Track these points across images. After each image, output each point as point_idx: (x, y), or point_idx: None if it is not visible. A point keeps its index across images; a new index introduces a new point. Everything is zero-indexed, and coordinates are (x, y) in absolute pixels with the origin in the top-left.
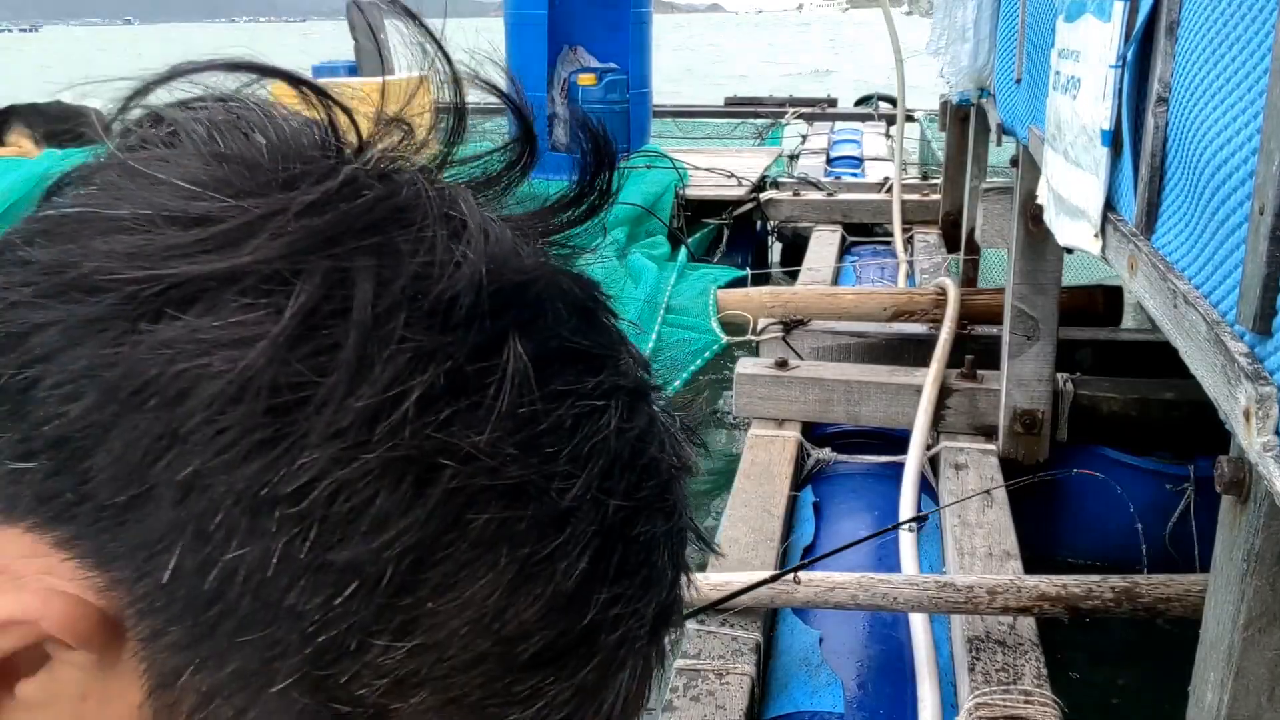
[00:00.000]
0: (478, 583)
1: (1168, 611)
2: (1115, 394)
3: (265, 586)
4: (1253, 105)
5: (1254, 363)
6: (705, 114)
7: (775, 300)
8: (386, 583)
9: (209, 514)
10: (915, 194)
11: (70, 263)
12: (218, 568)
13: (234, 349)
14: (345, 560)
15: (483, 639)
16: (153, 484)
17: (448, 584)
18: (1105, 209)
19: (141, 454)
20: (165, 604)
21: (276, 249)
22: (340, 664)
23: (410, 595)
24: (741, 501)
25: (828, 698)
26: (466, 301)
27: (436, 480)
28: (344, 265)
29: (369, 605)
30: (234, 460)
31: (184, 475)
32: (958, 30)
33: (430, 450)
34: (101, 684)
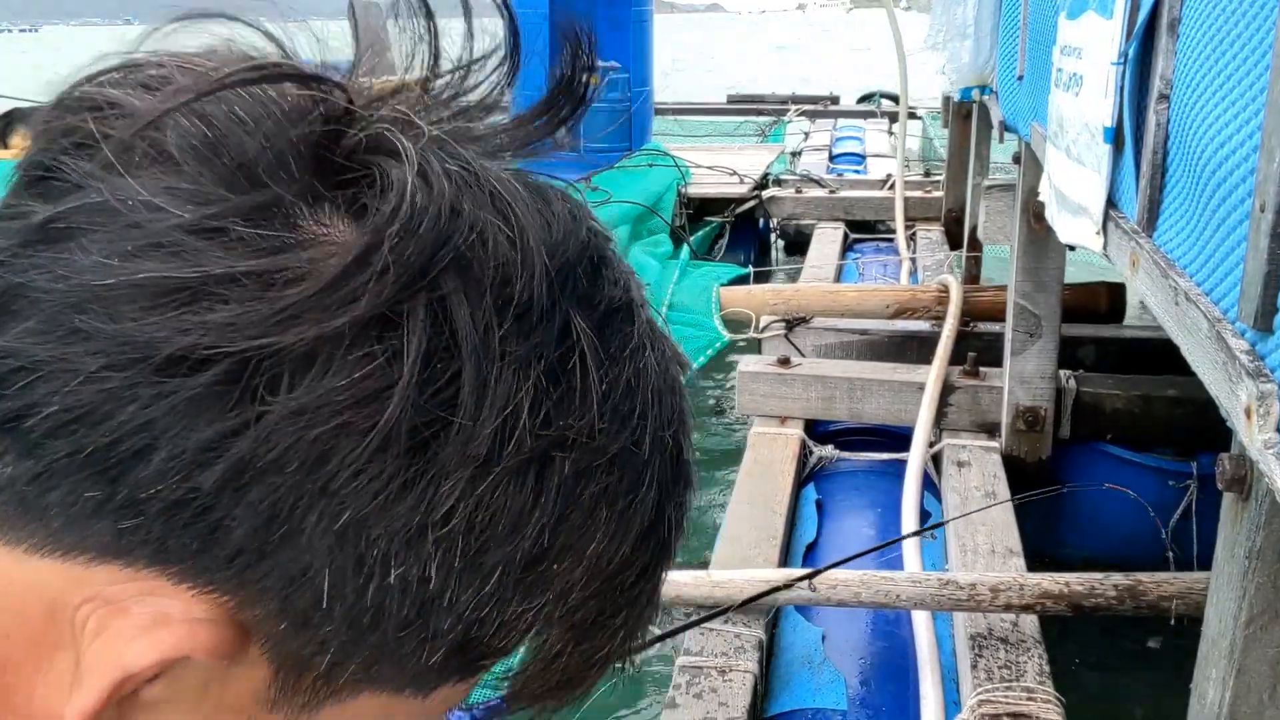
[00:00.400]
0: (591, 541)
1: (1170, 609)
2: (1118, 391)
3: (423, 594)
4: (1254, 102)
5: (1255, 360)
6: (708, 111)
7: (777, 298)
8: (522, 563)
9: (367, 550)
10: (918, 191)
11: (157, 339)
12: (377, 588)
13: (369, 405)
14: (492, 560)
15: (595, 579)
16: (302, 530)
17: (567, 547)
18: (1107, 206)
19: (288, 510)
20: (319, 620)
21: (380, 296)
22: (483, 629)
23: (540, 565)
24: (744, 499)
25: (830, 695)
26: (541, 299)
27: (552, 471)
28: (439, 294)
29: (509, 584)
30: (385, 504)
31: (339, 524)
32: (958, 26)
33: (545, 447)
34: (223, 675)
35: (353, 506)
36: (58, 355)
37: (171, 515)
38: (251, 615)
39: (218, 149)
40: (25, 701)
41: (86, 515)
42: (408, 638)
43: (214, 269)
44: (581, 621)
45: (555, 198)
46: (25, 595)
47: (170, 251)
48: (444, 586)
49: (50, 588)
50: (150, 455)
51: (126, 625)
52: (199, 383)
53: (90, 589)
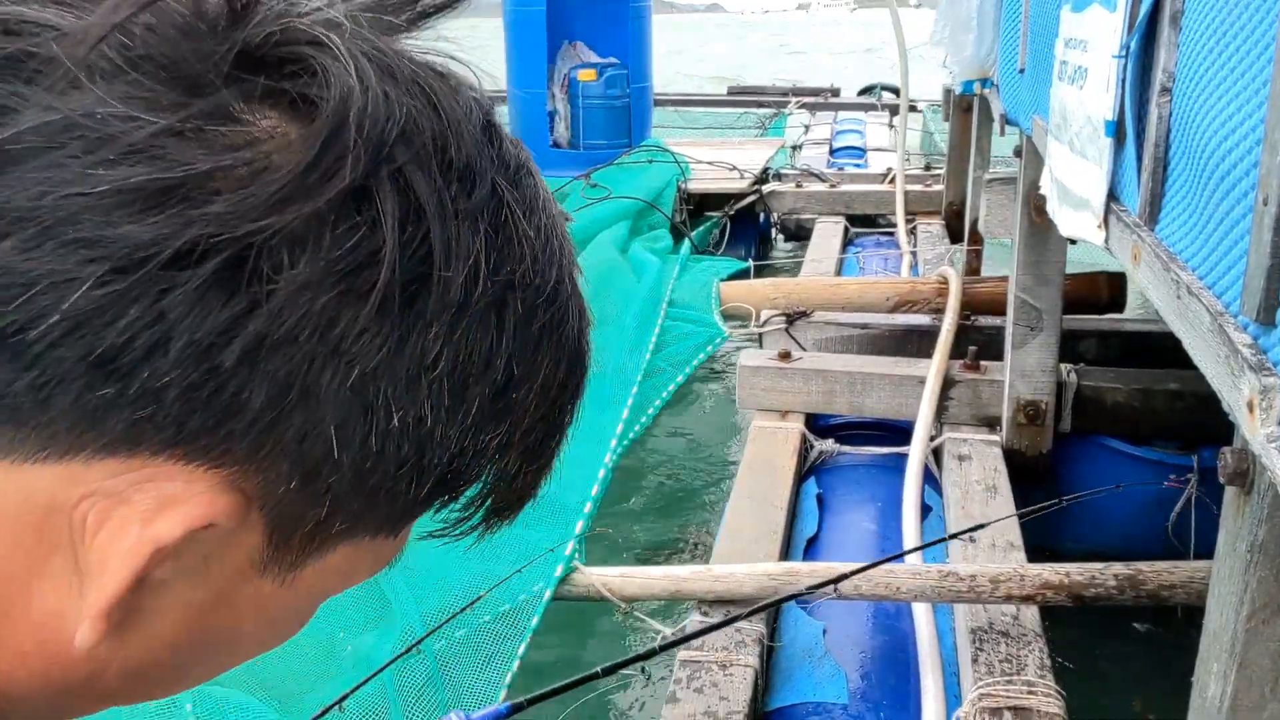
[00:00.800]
0: (541, 369)
1: (1171, 599)
2: (1119, 384)
3: (419, 432)
4: (1256, 95)
5: (1257, 354)
6: (708, 103)
7: (777, 292)
8: (493, 395)
9: (374, 399)
10: (918, 185)
11: (162, 237)
12: (381, 433)
13: (364, 270)
14: (472, 395)
15: (543, 403)
16: (317, 391)
17: (524, 376)
18: (1109, 199)
19: (303, 375)
20: (327, 472)
21: (356, 172)
22: (464, 459)
23: (506, 395)
24: (745, 493)
25: (831, 689)
26: (473, 162)
27: (508, 310)
28: (397, 165)
29: (485, 415)
30: (388, 356)
31: (350, 381)
32: (961, 20)
33: (500, 290)
34: (222, 546)
35: (360, 363)
36: (54, 268)
37: (190, 397)
38: (256, 481)
39: (157, 59)
40: (23, 611)
41: (97, 413)
42: (403, 475)
43: (200, 166)
44: (533, 443)
45: (450, 73)
46: (18, 505)
47: (153, 155)
48: (436, 423)
49: (43, 493)
50: (168, 346)
51: (131, 512)
52: (207, 271)
53: (87, 486)
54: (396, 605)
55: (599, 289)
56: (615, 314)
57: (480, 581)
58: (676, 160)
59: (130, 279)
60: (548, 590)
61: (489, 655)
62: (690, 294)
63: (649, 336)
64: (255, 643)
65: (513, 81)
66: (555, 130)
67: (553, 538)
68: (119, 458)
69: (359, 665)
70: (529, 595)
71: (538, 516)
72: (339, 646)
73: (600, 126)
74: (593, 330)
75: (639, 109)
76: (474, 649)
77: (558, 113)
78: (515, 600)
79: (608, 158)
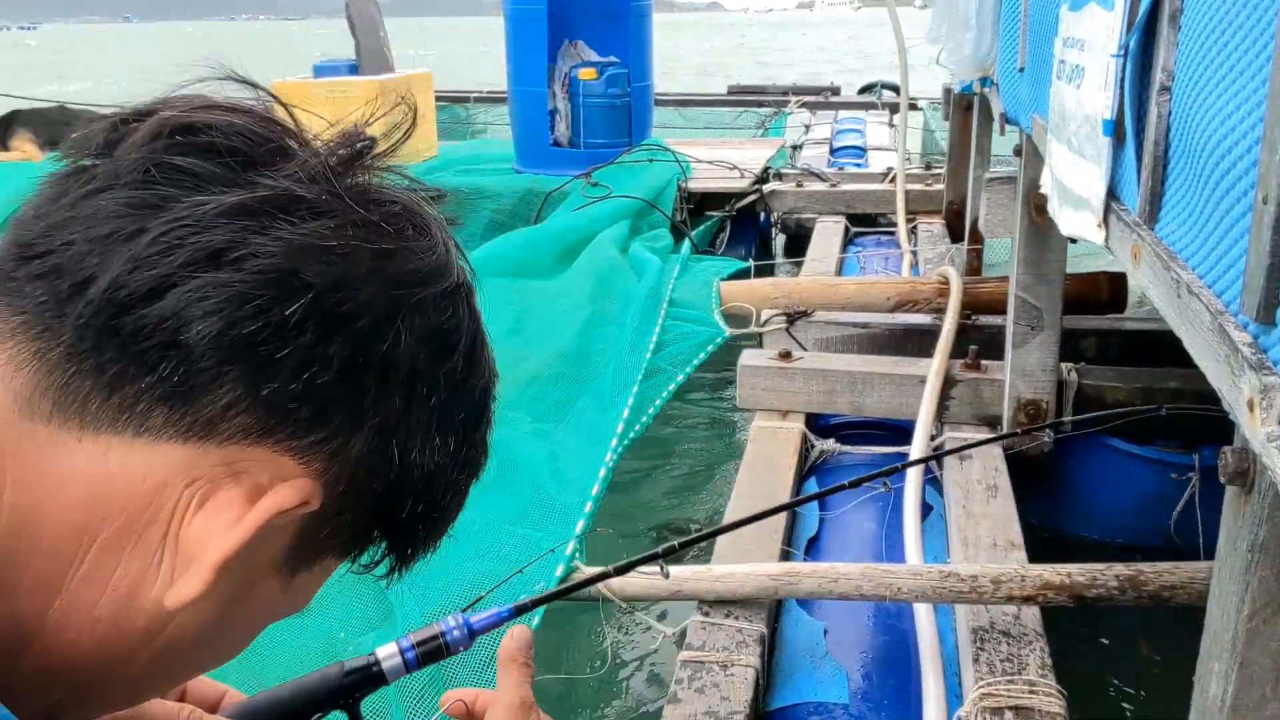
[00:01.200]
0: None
1: (1172, 599)
2: (1120, 383)
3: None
4: (1256, 94)
5: (1258, 353)
6: (708, 102)
7: (778, 291)
8: (459, 445)
9: (429, 430)
10: (919, 184)
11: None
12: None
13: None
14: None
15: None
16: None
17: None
18: (1108, 198)
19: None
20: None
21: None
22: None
23: (475, 430)
24: (745, 493)
25: (832, 689)
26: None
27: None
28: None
29: (458, 461)
30: (449, 399)
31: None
32: (960, 18)
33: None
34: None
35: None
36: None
37: (324, 405)
38: (322, 480)
39: None
40: (109, 576)
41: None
42: (405, 499)
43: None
44: (469, 459)
45: None
46: (137, 479)
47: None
48: (445, 461)
49: (163, 471)
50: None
51: (237, 491)
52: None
53: (201, 470)
54: (398, 606)
55: (600, 289)
56: (616, 313)
57: (481, 582)
58: (677, 159)
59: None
60: (549, 590)
61: (491, 656)
62: (691, 293)
63: (650, 336)
64: (228, 646)
65: (513, 80)
66: (556, 129)
67: (553, 537)
68: (237, 446)
69: None
70: (530, 595)
71: (539, 516)
72: (340, 647)
73: (601, 125)
74: (596, 328)
75: (640, 108)
76: (475, 650)
77: (558, 111)
78: (516, 600)
79: (608, 156)
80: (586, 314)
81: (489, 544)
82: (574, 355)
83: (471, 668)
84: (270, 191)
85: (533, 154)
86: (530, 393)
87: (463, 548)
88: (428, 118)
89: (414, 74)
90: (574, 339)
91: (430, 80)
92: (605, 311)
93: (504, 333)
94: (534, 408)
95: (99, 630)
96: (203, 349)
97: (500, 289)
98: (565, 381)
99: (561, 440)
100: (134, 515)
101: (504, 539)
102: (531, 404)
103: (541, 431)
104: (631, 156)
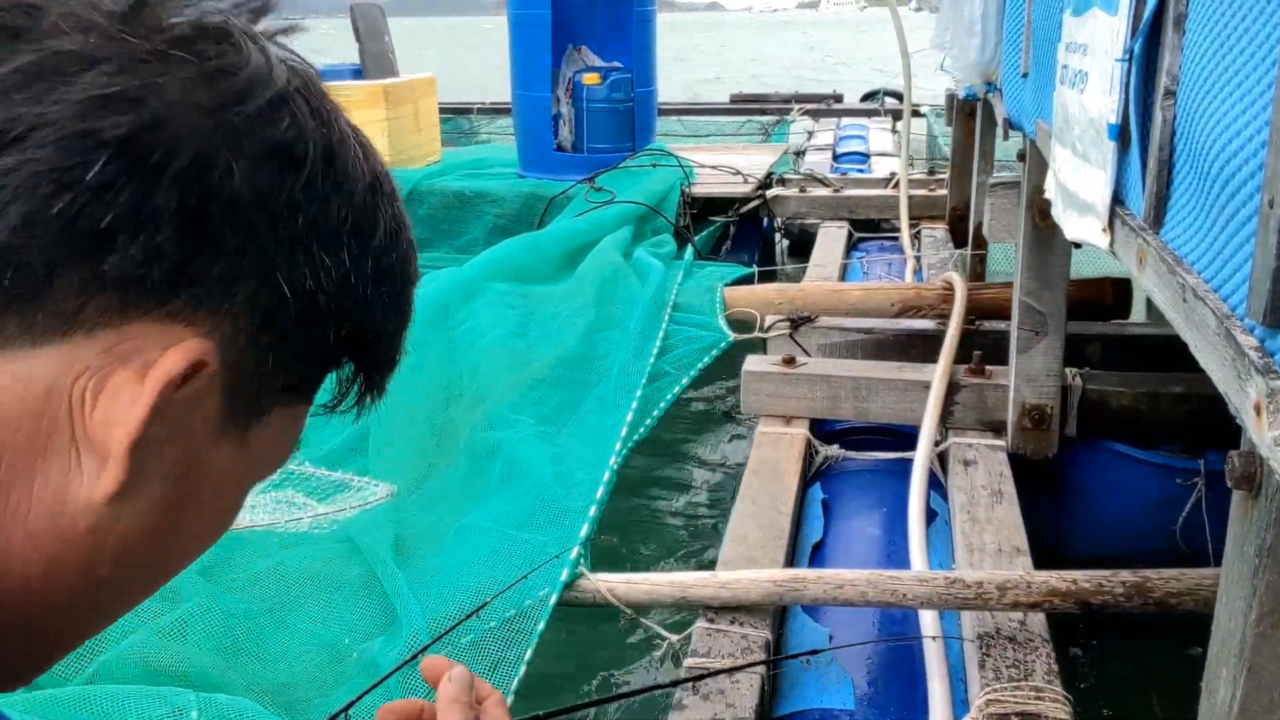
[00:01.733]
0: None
1: (1178, 606)
2: (1124, 388)
3: (340, 280)
4: (1261, 97)
5: (1264, 356)
6: (711, 111)
7: (782, 297)
8: (379, 252)
9: (313, 249)
10: (922, 189)
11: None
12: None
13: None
14: (371, 250)
15: (404, 272)
16: (270, 246)
17: (391, 246)
18: (1113, 203)
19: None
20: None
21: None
22: (362, 314)
23: (386, 256)
24: (750, 499)
25: (838, 695)
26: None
27: (381, 190)
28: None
29: (379, 270)
30: (320, 212)
31: (296, 232)
32: (964, 24)
33: (374, 174)
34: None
35: (303, 216)
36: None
37: (174, 263)
38: (220, 334)
39: None
40: (29, 489)
41: (95, 287)
42: (327, 319)
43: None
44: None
45: None
46: (18, 393)
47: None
48: (351, 269)
49: (42, 378)
50: (156, 218)
51: (127, 372)
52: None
53: (83, 363)
54: (402, 612)
55: (603, 293)
56: (620, 318)
57: (486, 587)
58: (680, 164)
59: (125, 161)
60: (553, 596)
61: (495, 661)
62: (694, 298)
63: (654, 340)
64: (215, 524)
65: (517, 85)
66: (559, 134)
67: (558, 542)
68: (110, 329)
69: (365, 672)
70: (534, 601)
71: (543, 521)
72: (345, 653)
73: (604, 130)
74: (600, 332)
75: (643, 113)
76: (480, 655)
77: (562, 116)
78: (521, 606)
79: (611, 161)
80: (590, 318)
81: (493, 549)
82: (578, 359)
83: (476, 671)
84: (36, 55)
85: (536, 159)
86: (534, 396)
87: (466, 553)
88: (431, 122)
89: (418, 78)
90: (578, 343)
91: (434, 84)
92: (609, 316)
93: (508, 336)
94: (538, 411)
95: (45, 545)
96: (20, 243)
97: (504, 293)
98: (569, 385)
99: (565, 444)
100: (32, 428)
101: (508, 544)
102: (535, 407)
103: (545, 435)
104: (635, 161)
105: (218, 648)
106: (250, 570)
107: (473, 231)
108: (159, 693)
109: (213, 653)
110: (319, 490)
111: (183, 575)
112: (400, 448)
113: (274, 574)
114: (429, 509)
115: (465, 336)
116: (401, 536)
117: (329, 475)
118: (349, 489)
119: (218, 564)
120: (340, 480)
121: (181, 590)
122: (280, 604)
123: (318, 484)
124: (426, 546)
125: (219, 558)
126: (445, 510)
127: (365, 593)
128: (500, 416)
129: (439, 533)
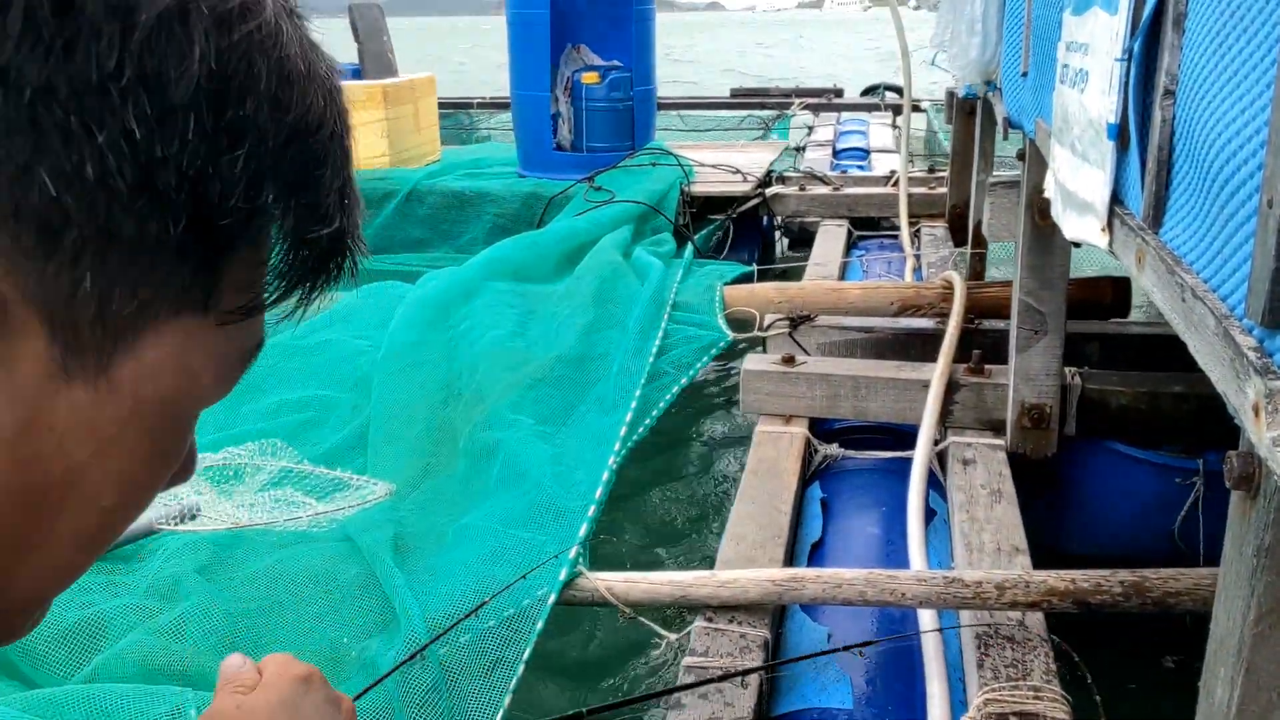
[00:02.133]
0: (262, 85)
1: (1177, 605)
2: (1124, 388)
3: (136, 150)
4: (1261, 97)
5: (1263, 357)
6: (711, 105)
7: (781, 296)
8: (210, 109)
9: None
10: (922, 187)
11: None
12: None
13: None
14: (178, 103)
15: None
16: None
17: (243, 92)
18: (1112, 203)
19: None
20: (59, 226)
21: None
22: (207, 187)
23: (228, 111)
24: (749, 498)
25: (836, 695)
26: None
27: (193, 17)
28: None
29: (207, 130)
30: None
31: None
32: (965, 23)
33: None
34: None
35: (30, 80)
36: None
37: None
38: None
39: None
40: None
41: None
42: (144, 210)
43: None
44: (294, 178)
45: None
46: None
47: None
48: (151, 139)
49: None
50: None
51: None
52: None
53: None
54: (401, 611)
55: (603, 293)
56: (619, 317)
57: (485, 587)
58: (680, 163)
59: None
60: (552, 595)
61: (494, 660)
62: (694, 298)
63: (653, 340)
64: (112, 482)
65: (516, 84)
66: (558, 133)
67: (557, 541)
68: None
69: (363, 671)
70: (533, 600)
71: (542, 520)
72: (343, 652)
73: (603, 129)
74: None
75: (642, 112)
76: (479, 654)
77: (561, 115)
78: (520, 605)
79: (611, 160)
80: (589, 318)
81: (491, 548)
82: (577, 359)
83: (474, 671)
84: None
85: (536, 158)
86: (533, 395)
87: (465, 552)
88: (431, 121)
89: (417, 77)
90: (577, 343)
91: (434, 84)
92: (608, 315)
93: (507, 335)
94: (537, 410)
95: None
96: None
97: (503, 293)
98: (568, 385)
99: (564, 443)
100: None
101: (507, 543)
102: (534, 406)
103: (545, 434)
104: (634, 160)
105: (216, 647)
106: (248, 569)
107: (472, 231)
108: (157, 691)
109: (211, 652)
110: (317, 489)
111: (181, 574)
112: (399, 446)
113: (272, 573)
114: (428, 508)
115: (464, 336)
116: (400, 535)
117: (327, 474)
118: (348, 488)
119: (216, 563)
120: (339, 479)
121: (180, 589)
122: (279, 603)
123: (316, 482)
124: (425, 545)
125: (217, 557)
126: (444, 509)
127: (364, 592)
128: (499, 416)
129: (438, 532)
